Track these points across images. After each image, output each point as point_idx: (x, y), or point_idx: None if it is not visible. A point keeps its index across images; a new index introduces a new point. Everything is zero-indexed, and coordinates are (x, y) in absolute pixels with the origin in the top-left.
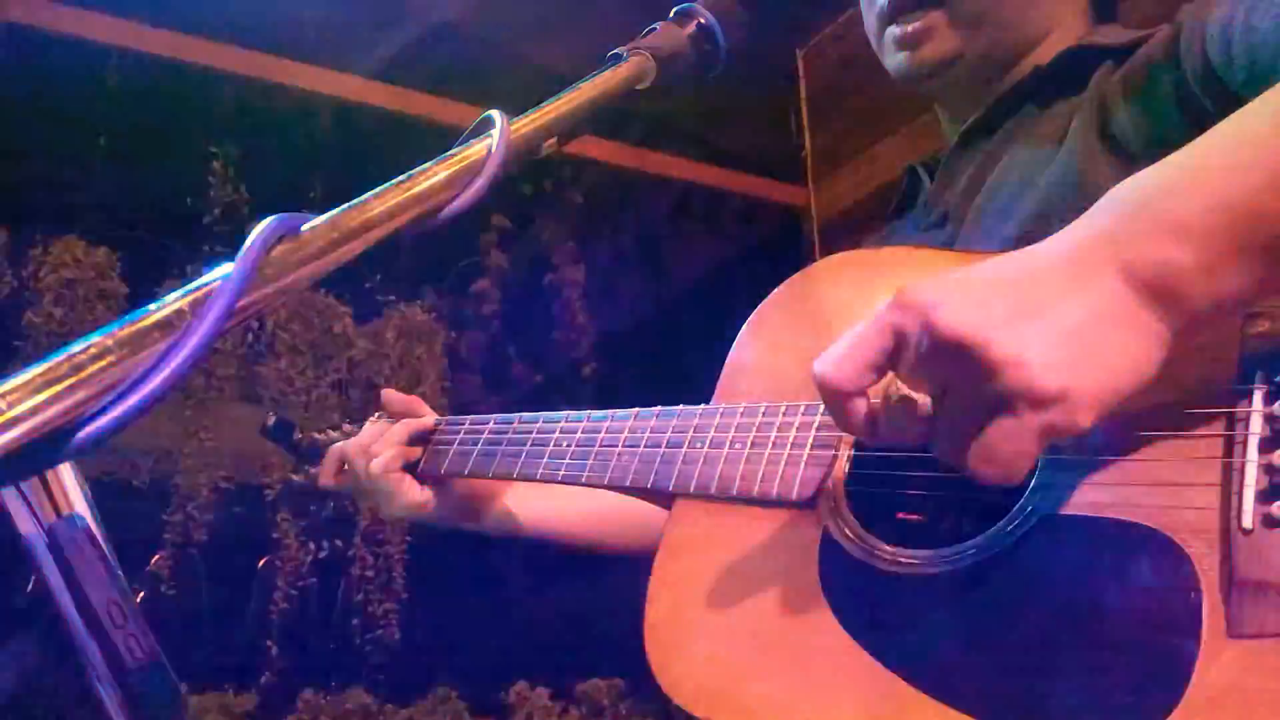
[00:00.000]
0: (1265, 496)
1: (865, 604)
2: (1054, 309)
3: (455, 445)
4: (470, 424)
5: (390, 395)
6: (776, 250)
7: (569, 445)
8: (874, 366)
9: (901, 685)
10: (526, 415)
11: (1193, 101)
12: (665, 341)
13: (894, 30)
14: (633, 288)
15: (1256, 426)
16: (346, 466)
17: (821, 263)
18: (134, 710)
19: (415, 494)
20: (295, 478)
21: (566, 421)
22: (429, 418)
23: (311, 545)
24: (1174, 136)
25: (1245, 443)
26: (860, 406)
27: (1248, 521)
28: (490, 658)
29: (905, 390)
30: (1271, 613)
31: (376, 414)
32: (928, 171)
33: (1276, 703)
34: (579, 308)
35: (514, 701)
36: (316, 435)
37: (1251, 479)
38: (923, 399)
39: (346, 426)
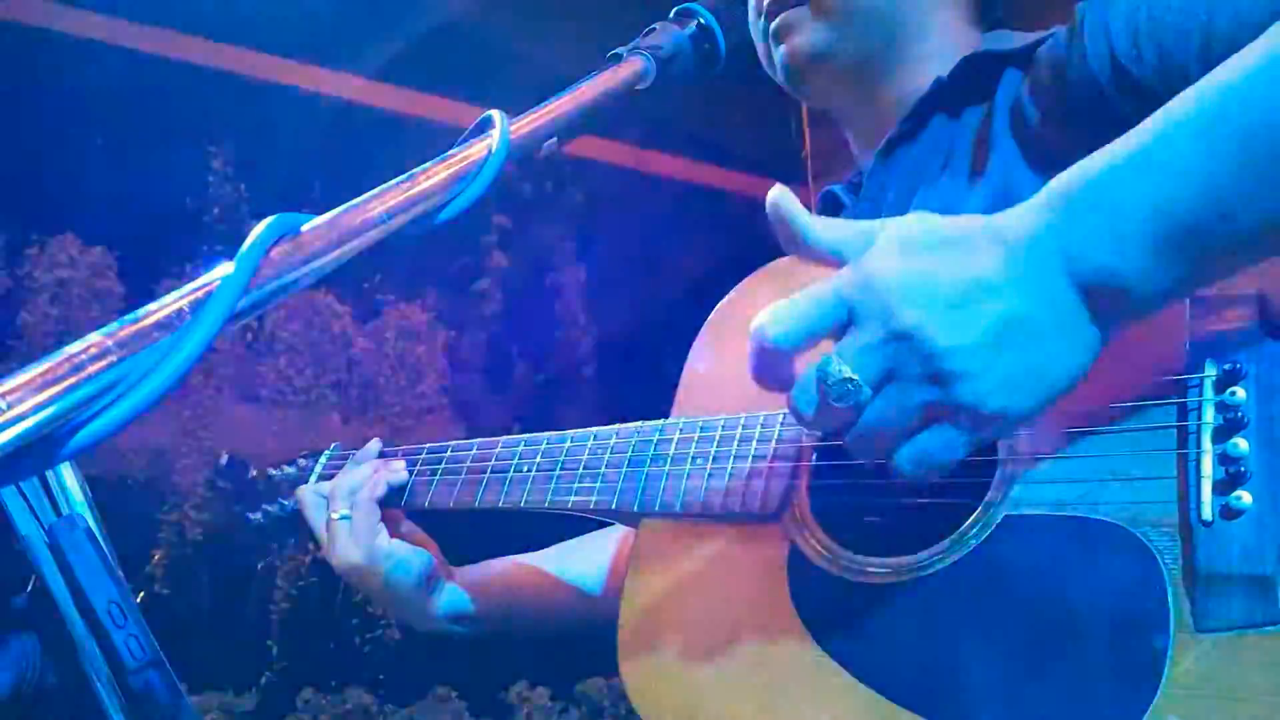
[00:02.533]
0: (1223, 487)
1: (836, 616)
2: (1009, 319)
3: (413, 476)
4: (428, 452)
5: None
6: (776, 250)
7: (529, 470)
8: (818, 333)
9: (875, 698)
10: (483, 440)
11: (1107, 100)
12: (665, 341)
13: (770, 27)
14: (633, 288)
15: (1209, 416)
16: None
17: (772, 266)
18: (134, 710)
19: (383, 541)
20: (252, 516)
21: (525, 445)
22: (398, 463)
23: (310, 545)
24: (1095, 138)
25: (1199, 433)
26: (790, 368)
27: (1207, 513)
28: (490, 658)
29: (849, 372)
30: (1237, 604)
31: (333, 446)
32: (847, 191)
33: (1249, 694)
34: (579, 308)
35: (514, 701)
36: (271, 472)
37: (1208, 470)
38: (865, 383)
39: (301, 461)
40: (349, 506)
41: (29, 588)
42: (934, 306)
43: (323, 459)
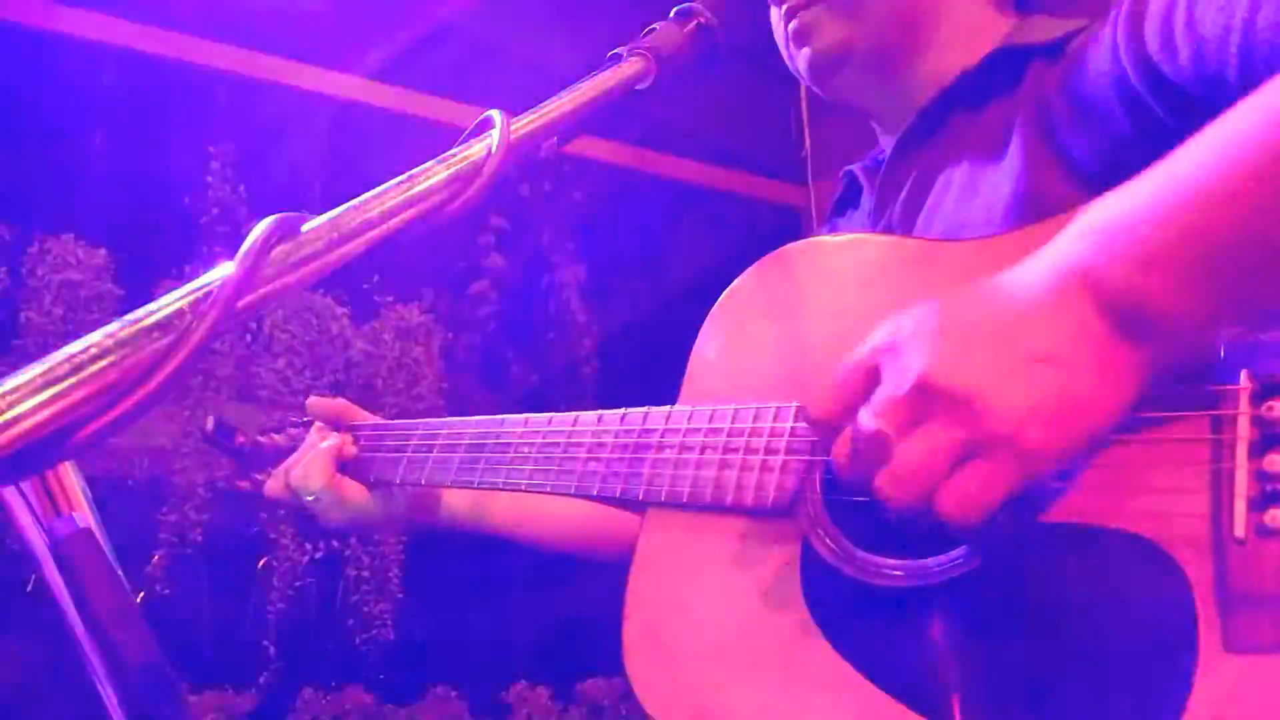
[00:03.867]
0: (1257, 504)
1: (851, 618)
2: (1033, 352)
3: (409, 451)
4: (424, 428)
5: (315, 404)
6: (776, 248)
7: (531, 451)
8: (852, 400)
9: (891, 704)
10: (484, 419)
11: (1137, 99)
12: (665, 342)
13: (789, 30)
14: (632, 288)
15: (1244, 429)
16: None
17: (783, 251)
18: (134, 710)
19: (353, 494)
20: (242, 485)
21: (527, 426)
22: (365, 421)
23: (308, 545)
24: (1121, 136)
25: (1233, 446)
26: (837, 450)
27: (1240, 531)
28: (490, 658)
29: (878, 424)
30: (1268, 626)
31: (305, 419)
32: (866, 174)
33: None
34: (578, 308)
35: (514, 701)
36: (260, 439)
37: (1242, 485)
38: (893, 433)
39: (291, 430)
40: (309, 493)
41: (29, 588)
42: (955, 352)
43: (315, 427)
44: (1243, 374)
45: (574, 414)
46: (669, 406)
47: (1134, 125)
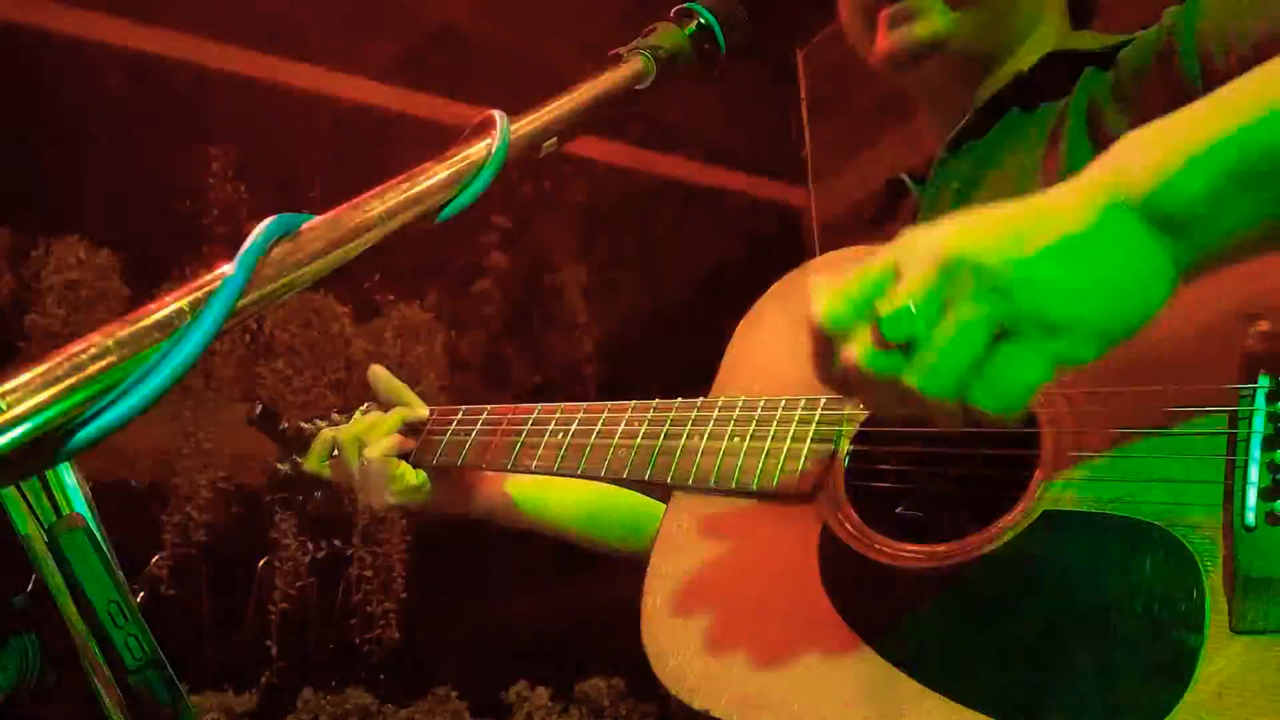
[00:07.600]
0: (1268, 494)
1: (866, 598)
2: (1064, 235)
3: (448, 435)
4: (464, 414)
5: (377, 374)
6: (776, 250)
7: (564, 436)
8: (867, 304)
9: (902, 679)
10: (522, 406)
11: (1188, 104)
12: (665, 341)
13: (887, 12)
14: (633, 287)
15: (1260, 425)
16: (335, 454)
17: (819, 259)
18: (134, 710)
19: (410, 479)
20: (281, 467)
21: (562, 413)
22: (421, 409)
23: (310, 545)
24: None
25: (1248, 440)
26: (853, 347)
27: (1250, 519)
28: (490, 658)
29: (901, 303)
30: (1275, 608)
31: (366, 405)
32: (914, 181)
33: None
34: (579, 307)
35: (514, 701)
36: (303, 424)
37: (1254, 476)
38: (915, 303)
39: (335, 416)
40: (376, 454)
41: (29, 588)
42: (979, 229)
43: (356, 415)
44: (1261, 372)
45: (606, 403)
46: (700, 398)
47: None
